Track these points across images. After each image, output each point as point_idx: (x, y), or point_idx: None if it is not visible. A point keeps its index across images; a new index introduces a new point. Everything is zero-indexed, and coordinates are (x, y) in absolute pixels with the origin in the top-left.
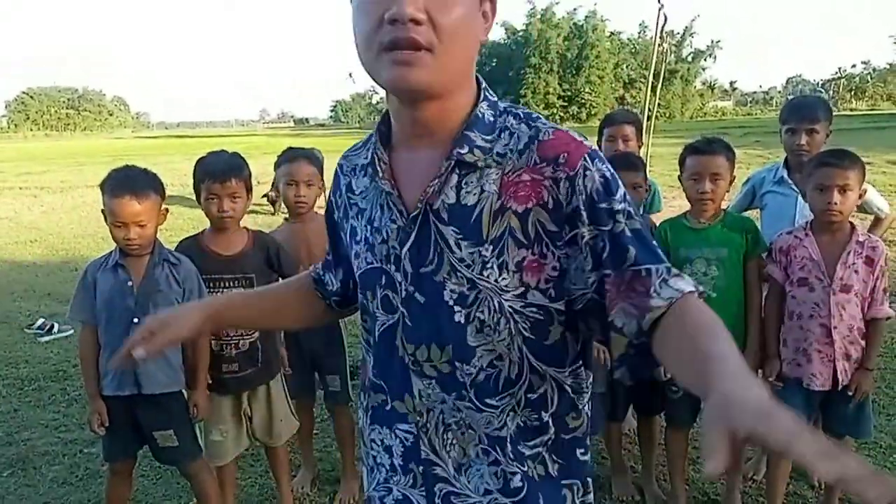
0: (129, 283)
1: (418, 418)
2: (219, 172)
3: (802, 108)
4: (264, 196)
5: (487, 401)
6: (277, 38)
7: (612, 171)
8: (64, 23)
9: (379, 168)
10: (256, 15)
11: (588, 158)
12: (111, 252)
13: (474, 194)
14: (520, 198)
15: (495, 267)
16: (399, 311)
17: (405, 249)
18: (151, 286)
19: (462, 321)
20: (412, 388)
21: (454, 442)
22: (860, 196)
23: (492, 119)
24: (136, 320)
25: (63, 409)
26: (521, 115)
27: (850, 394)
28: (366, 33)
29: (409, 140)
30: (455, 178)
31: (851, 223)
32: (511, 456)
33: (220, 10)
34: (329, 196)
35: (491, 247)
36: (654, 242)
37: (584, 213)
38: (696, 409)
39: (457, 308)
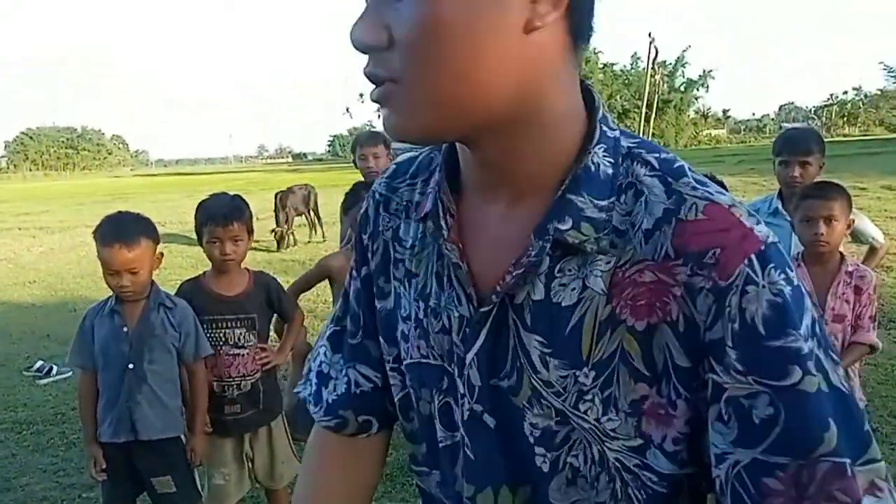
0: (125, 329)
1: None
2: (221, 216)
3: (795, 141)
4: (271, 231)
5: None
6: (276, 72)
7: (796, 283)
8: (64, 22)
9: (444, 223)
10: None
11: (756, 262)
12: (109, 298)
13: (574, 290)
14: (639, 308)
15: (598, 402)
16: (459, 433)
17: (472, 352)
18: (146, 331)
19: (546, 468)
20: None
21: None
22: (848, 226)
23: (610, 172)
24: (130, 366)
25: (62, 453)
26: (656, 164)
27: None
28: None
29: (481, 187)
30: (548, 261)
31: (841, 254)
32: None
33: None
34: (362, 237)
35: (594, 372)
36: (862, 419)
37: (731, 353)
38: None
39: (538, 449)
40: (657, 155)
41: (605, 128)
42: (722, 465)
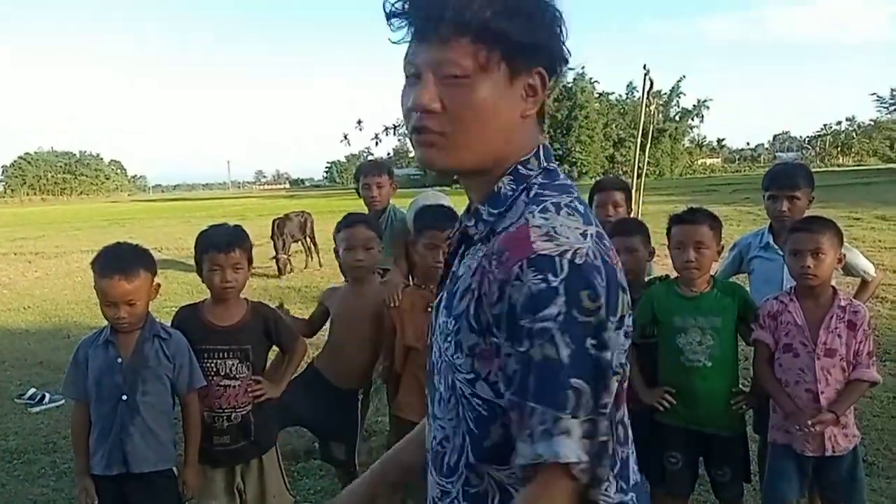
0: (119, 360)
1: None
2: (222, 244)
3: (783, 176)
4: (272, 258)
5: (434, 473)
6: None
7: (556, 282)
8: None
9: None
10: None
11: (525, 265)
12: (103, 329)
13: (466, 265)
14: (479, 282)
15: (453, 343)
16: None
17: (439, 302)
18: (140, 362)
19: (437, 380)
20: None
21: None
22: (839, 261)
23: (509, 193)
24: (124, 397)
25: (52, 482)
26: (534, 196)
27: (811, 423)
28: (404, 116)
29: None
30: (462, 247)
31: (834, 288)
32: None
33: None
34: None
35: (453, 321)
36: (574, 380)
37: (502, 324)
38: (695, 479)
39: (435, 372)
40: (542, 191)
41: (520, 167)
42: (503, 396)
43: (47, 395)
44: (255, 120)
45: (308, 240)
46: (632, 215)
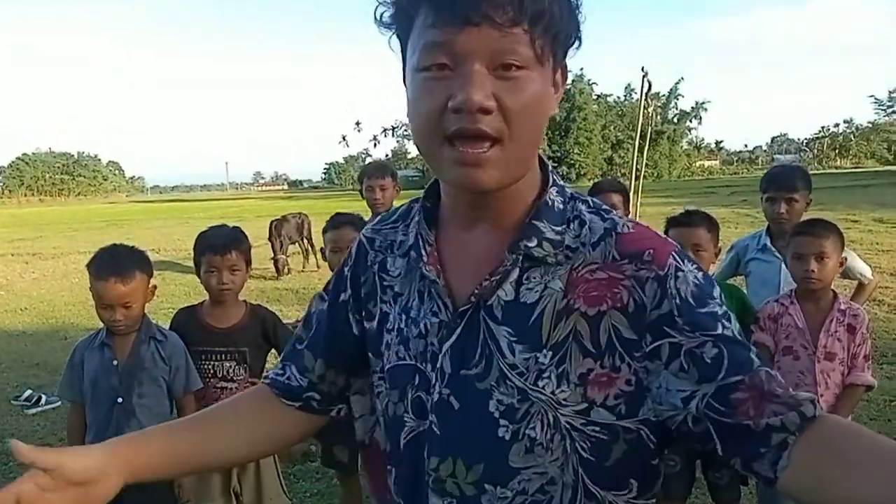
0: (114, 362)
1: None
2: (219, 246)
3: (781, 178)
4: (271, 259)
5: None
6: (272, 102)
7: (703, 271)
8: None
9: (424, 252)
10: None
11: (677, 257)
12: (99, 330)
13: (536, 291)
14: (591, 298)
15: (553, 377)
16: (428, 420)
17: (446, 346)
18: (136, 364)
19: (507, 437)
20: None
21: None
22: (840, 264)
23: (561, 206)
24: (119, 399)
25: None
26: (592, 204)
27: None
28: (426, 117)
29: (463, 221)
30: (517, 272)
31: (834, 291)
32: None
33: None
34: (344, 269)
35: (550, 353)
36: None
37: (679, 320)
38: (691, 483)
39: (503, 422)
40: (591, 199)
41: (555, 177)
42: (692, 403)
43: (44, 397)
44: (254, 121)
45: (305, 241)
46: (628, 217)
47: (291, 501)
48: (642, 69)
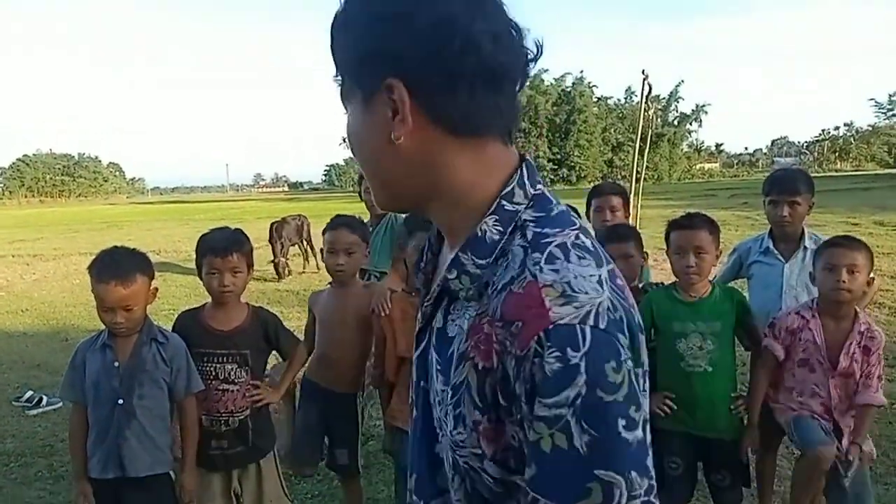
0: (115, 364)
1: None
2: (220, 248)
3: (783, 182)
4: (270, 262)
5: None
6: (272, 104)
7: (577, 358)
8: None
9: (424, 257)
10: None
11: (543, 338)
12: (101, 332)
13: (456, 325)
14: (481, 352)
15: (451, 417)
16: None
17: (415, 356)
18: (137, 366)
19: (435, 455)
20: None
21: None
22: (869, 284)
23: (496, 238)
24: (120, 401)
25: (49, 486)
26: (529, 237)
27: (844, 473)
28: None
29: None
30: (445, 300)
31: (856, 310)
32: None
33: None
34: None
35: (451, 392)
36: (599, 472)
37: (523, 403)
38: (694, 484)
39: (432, 441)
40: (540, 229)
41: (504, 203)
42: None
43: (45, 398)
44: (254, 123)
45: (305, 243)
46: (629, 220)
47: (292, 503)
48: (643, 72)
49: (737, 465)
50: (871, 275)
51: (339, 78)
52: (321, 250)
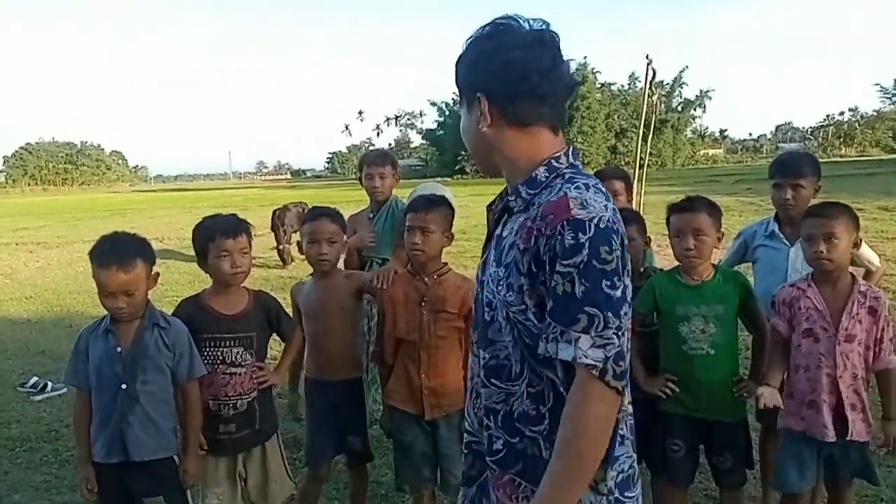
0: (118, 349)
1: (471, 384)
2: (230, 229)
3: (788, 165)
4: (273, 248)
5: (492, 381)
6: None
7: (584, 239)
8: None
9: (495, 203)
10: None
11: (565, 224)
12: (104, 317)
13: (508, 230)
14: (523, 239)
15: (504, 285)
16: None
17: (483, 259)
18: (140, 351)
19: (488, 319)
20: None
21: (476, 405)
22: (855, 245)
23: (542, 179)
24: (123, 386)
25: (55, 470)
26: (567, 177)
27: (887, 450)
28: None
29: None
30: (505, 216)
31: (852, 274)
32: (499, 425)
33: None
34: None
35: (503, 270)
36: (587, 308)
37: (547, 266)
38: (696, 467)
39: (486, 309)
40: (574, 175)
41: (552, 161)
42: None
43: (49, 384)
44: (257, 110)
45: None
46: (632, 205)
47: (296, 485)
48: (646, 57)
49: (739, 447)
50: (859, 236)
51: (459, 95)
52: (297, 243)
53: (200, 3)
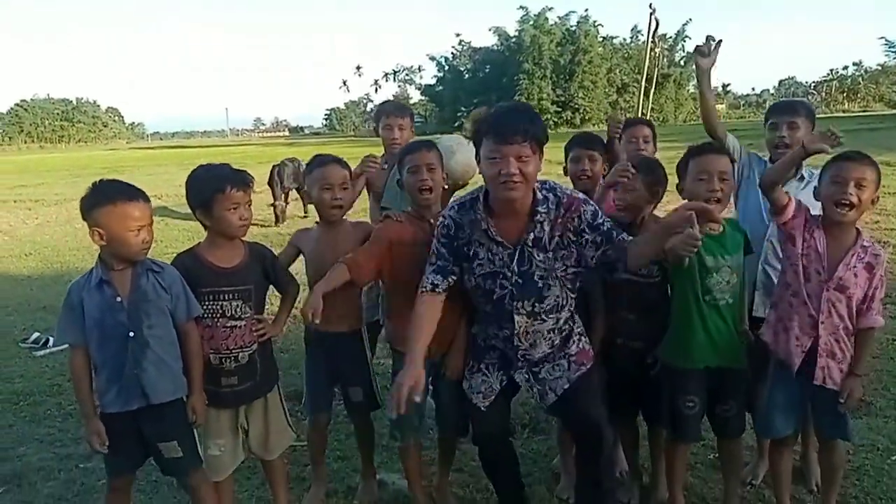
0: (118, 299)
1: (516, 330)
2: (240, 181)
3: (783, 105)
4: (269, 205)
5: (550, 316)
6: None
7: (592, 206)
8: None
9: (490, 227)
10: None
11: (583, 205)
12: (92, 270)
13: (543, 230)
14: (559, 226)
15: (554, 257)
16: (508, 287)
17: (514, 263)
18: (140, 298)
19: (542, 286)
20: (514, 320)
21: (530, 337)
22: (873, 201)
23: (542, 197)
24: (131, 334)
25: (59, 423)
26: (548, 188)
27: (842, 400)
28: (495, 175)
29: (504, 213)
30: (535, 224)
31: (858, 229)
32: (555, 335)
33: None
34: (450, 231)
35: (552, 252)
36: (612, 226)
37: (586, 229)
38: (700, 423)
39: (540, 282)
40: (549, 185)
41: (539, 184)
42: (595, 256)
43: (50, 339)
44: (254, 66)
45: (302, 187)
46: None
47: (298, 435)
48: (650, 6)
49: (741, 394)
50: (877, 193)
51: (531, 146)
52: (303, 192)
53: None
